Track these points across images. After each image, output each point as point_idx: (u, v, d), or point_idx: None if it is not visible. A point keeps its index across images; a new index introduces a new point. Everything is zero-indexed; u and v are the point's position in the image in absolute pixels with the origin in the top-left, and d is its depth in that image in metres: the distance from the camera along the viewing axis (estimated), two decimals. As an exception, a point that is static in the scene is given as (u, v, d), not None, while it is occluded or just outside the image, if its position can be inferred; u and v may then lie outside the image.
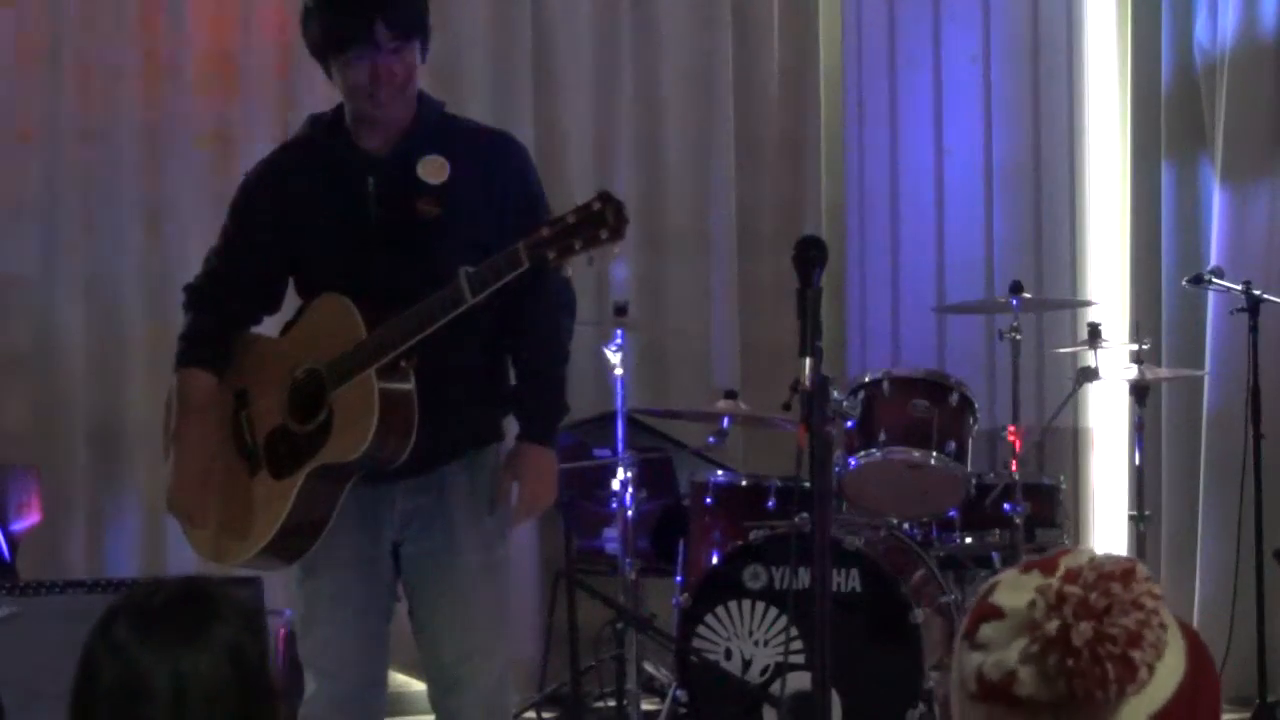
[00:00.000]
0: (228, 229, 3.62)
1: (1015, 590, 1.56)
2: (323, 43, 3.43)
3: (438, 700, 3.60)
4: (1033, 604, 1.53)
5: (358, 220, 3.45)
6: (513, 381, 3.62)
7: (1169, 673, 1.55)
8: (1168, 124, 6.36)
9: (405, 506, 3.50)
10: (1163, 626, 1.53)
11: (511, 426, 3.65)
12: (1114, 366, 5.68)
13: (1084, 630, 1.50)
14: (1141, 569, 1.55)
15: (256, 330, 3.68)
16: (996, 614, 1.56)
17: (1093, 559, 1.56)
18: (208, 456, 3.55)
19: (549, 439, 3.54)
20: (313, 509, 3.41)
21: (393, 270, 3.40)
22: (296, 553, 3.47)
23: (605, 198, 3.14)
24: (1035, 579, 1.56)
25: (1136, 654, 1.51)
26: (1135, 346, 5.63)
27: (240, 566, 3.61)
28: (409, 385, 3.32)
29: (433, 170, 3.43)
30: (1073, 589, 1.52)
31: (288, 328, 3.60)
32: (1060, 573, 1.55)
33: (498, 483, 3.53)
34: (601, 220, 3.12)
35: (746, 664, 4.92)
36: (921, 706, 4.82)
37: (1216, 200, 6.23)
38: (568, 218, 3.14)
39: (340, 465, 3.36)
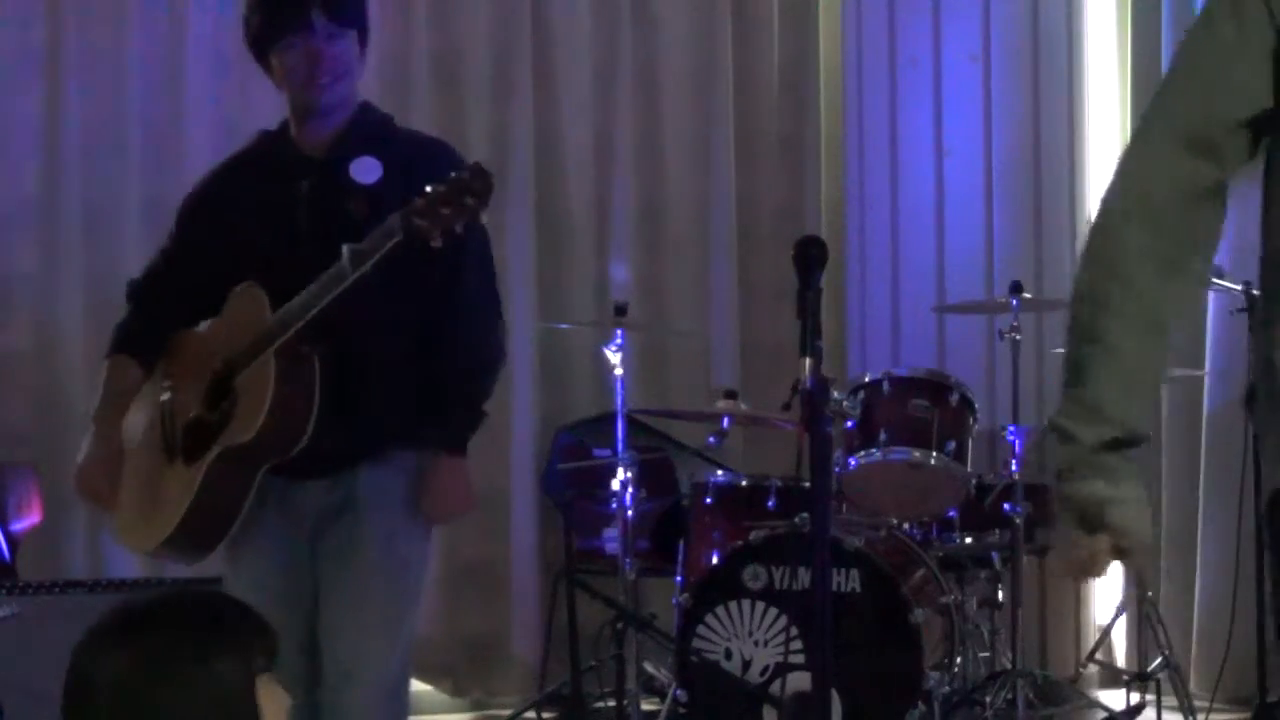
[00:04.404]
0: (171, 232, 3.73)
1: None
2: (262, 33, 3.51)
3: (326, 699, 3.50)
4: None
5: (289, 222, 3.50)
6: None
7: None
8: (1168, 124, 6.35)
9: (319, 505, 3.51)
10: None
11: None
12: (1114, 366, 5.67)
13: None
14: None
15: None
16: None
17: None
18: (121, 442, 3.60)
19: (457, 448, 3.51)
20: (221, 496, 3.42)
21: (321, 269, 3.39)
22: (208, 543, 3.49)
23: (475, 171, 3.22)
24: None
25: None
26: (1135, 346, 5.62)
27: (153, 555, 3.62)
28: (310, 366, 3.36)
29: (364, 170, 3.49)
30: None
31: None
32: None
33: (415, 491, 3.52)
34: (467, 189, 3.19)
35: (746, 664, 4.92)
36: (921, 706, 4.82)
37: (1216, 200, 6.23)
38: (437, 188, 3.20)
39: (242, 447, 3.38)
